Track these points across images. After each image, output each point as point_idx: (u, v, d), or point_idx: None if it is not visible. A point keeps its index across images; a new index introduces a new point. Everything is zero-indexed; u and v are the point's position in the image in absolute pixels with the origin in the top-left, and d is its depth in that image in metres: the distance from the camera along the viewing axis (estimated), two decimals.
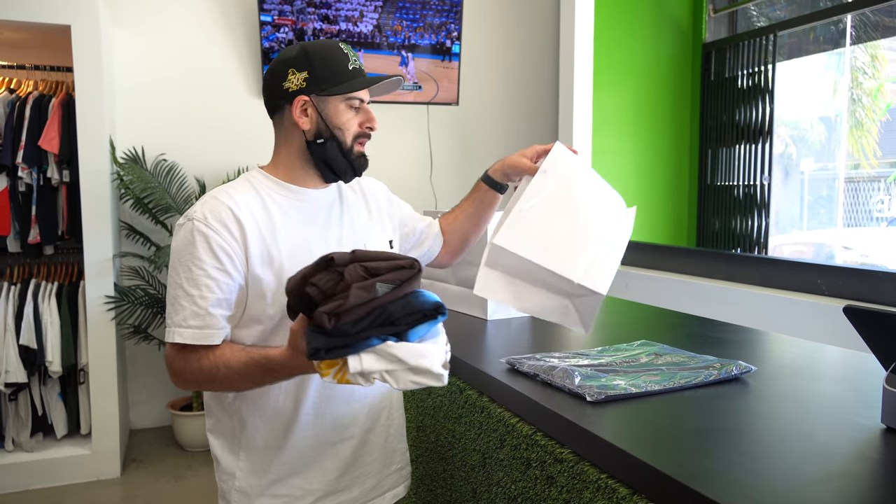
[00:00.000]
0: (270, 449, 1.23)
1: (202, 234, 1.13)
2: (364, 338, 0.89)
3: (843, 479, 0.80)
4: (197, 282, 1.12)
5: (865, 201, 4.34)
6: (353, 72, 1.22)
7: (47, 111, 3.18)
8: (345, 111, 1.22)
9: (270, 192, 1.22)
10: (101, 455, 3.15)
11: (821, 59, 4.34)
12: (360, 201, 1.36)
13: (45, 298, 3.18)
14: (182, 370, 1.13)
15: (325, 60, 1.21)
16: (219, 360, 1.11)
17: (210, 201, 1.17)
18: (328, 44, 1.23)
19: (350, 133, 1.23)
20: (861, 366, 1.29)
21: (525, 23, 4.49)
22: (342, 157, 1.23)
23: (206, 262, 1.12)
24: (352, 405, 1.27)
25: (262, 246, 1.16)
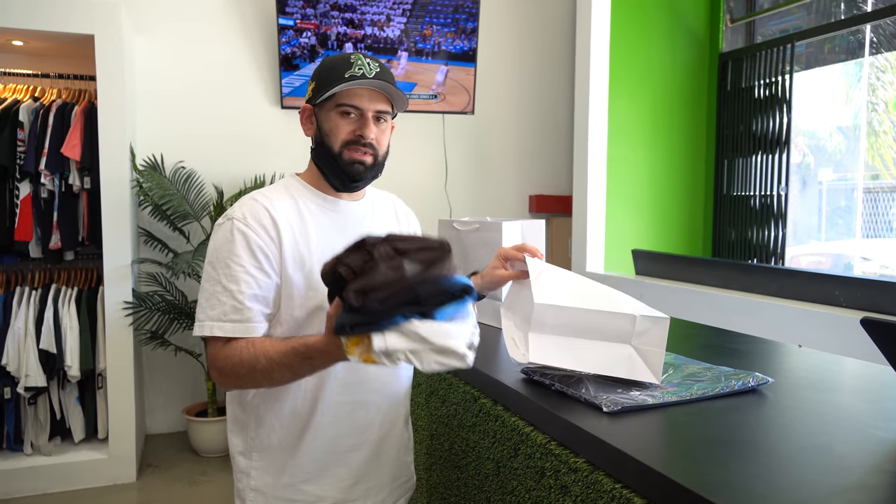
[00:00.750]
0: (285, 450, 1.25)
1: (241, 232, 1.17)
2: (390, 316, 0.89)
3: (862, 491, 0.80)
4: (236, 278, 1.16)
5: (885, 212, 4.29)
6: (346, 78, 1.21)
7: (70, 119, 3.24)
8: (334, 117, 1.24)
9: (305, 200, 1.27)
10: (117, 459, 3.18)
11: (839, 69, 4.31)
12: (393, 220, 1.40)
13: (64, 303, 3.22)
14: (224, 365, 1.15)
15: (327, 69, 1.24)
16: (258, 351, 1.12)
17: (249, 202, 1.22)
18: (342, 55, 1.26)
19: (338, 139, 1.24)
20: (879, 378, 1.28)
21: (540, 32, 4.50)
22: (332, 161, 1.25)
23: (245, 259, 1.16)
24: (369, 412, 1.28)
25: (296, 249, 1.20)
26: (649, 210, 4.44)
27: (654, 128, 4.41)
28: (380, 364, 0.90)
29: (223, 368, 1.15)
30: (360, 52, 1.26)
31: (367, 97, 1.24)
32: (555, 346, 1.10)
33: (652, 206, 4.45)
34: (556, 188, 4.60)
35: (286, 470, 1.25)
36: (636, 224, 4.40)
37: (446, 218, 2.27)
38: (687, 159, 4.53)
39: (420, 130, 4.27)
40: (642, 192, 4.41)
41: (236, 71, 3.88)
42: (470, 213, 4.33)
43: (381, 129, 1.28)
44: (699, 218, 4.61)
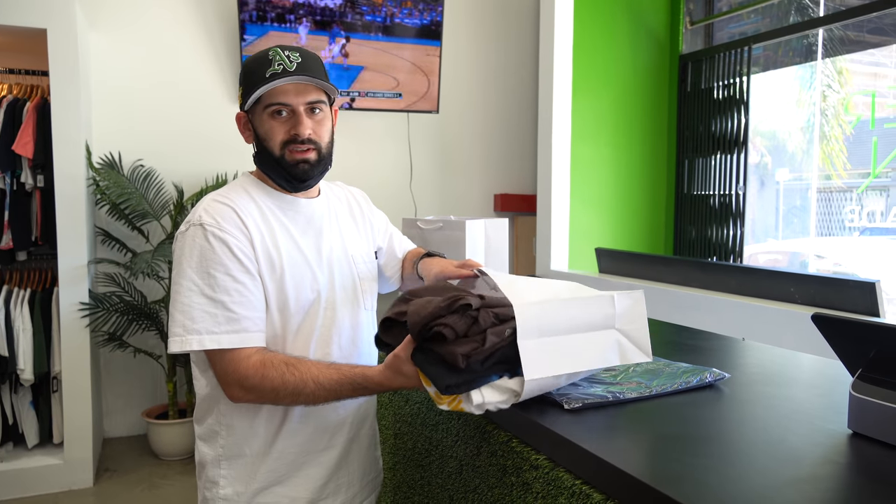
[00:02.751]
0: (257, 457, 1.22)
1: (219, 238, 1.13)
2: (489, 375, 1.01)
3: (811, 482, 0.82)
4: (226, 288, 1.11)
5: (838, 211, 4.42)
6: (269, 77, 1.17)
7: (21, 115, 3.14)
8: (266, 120, 1.20)
9: (266, 201, 1.23)
10: (73, 464, 3.10)
11: (793, 71, 4.43)
12: (345, 210, 1.37)
13: (17, 305, 3.13)
14: (258, 384, 1.11)
15: (249, 72, 1.20)
16: (305, 376, 1.10)
17: (215, 206, 1.17)
18: (261, 53, 1.21)
19: (275, 142, 1.20)
20: (830, 372, 1.32)
21: (504, 32, 4.52)
22: (275, 165, 1.21)
23: (231, 266, 1.12)
24: (338, 413, 1.27)
25: (266, 253, 1.17)
26: (612, 209, 4.50)
27: (616, 127, 4.47)
28: (467, 412, 1.01)
29: (255, 387, 1.11)
30: (279, 46, 1.21)
31: (293, 92, 1.18)
32: (543, 350, 1.02)
33: (615, 204, 4.51)
34: (521, 187, 4.63)
35: (257, 476, 1.23)
36: (599, 222, 4.46)
37: (411, 217, 2.26)
38: (648, 159, 4.61)
39: (384, 129, 4.25)
40: (605, 190, 4.47)
41: (196, 67, 3.81)
42: (435, 211, 4.33)
43: (318, 121, 1.22)
44: (660, 216, 4.70)
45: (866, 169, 4.06)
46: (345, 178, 1.39)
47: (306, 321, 1.22)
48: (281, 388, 1.10)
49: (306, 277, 1.21)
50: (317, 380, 1.10)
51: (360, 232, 1.38)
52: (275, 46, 1.21)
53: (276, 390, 1.11)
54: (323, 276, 1.24)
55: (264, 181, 1.26)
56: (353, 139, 4.15)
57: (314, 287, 1.22)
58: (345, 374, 1.11)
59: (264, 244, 1.18)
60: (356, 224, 1.38)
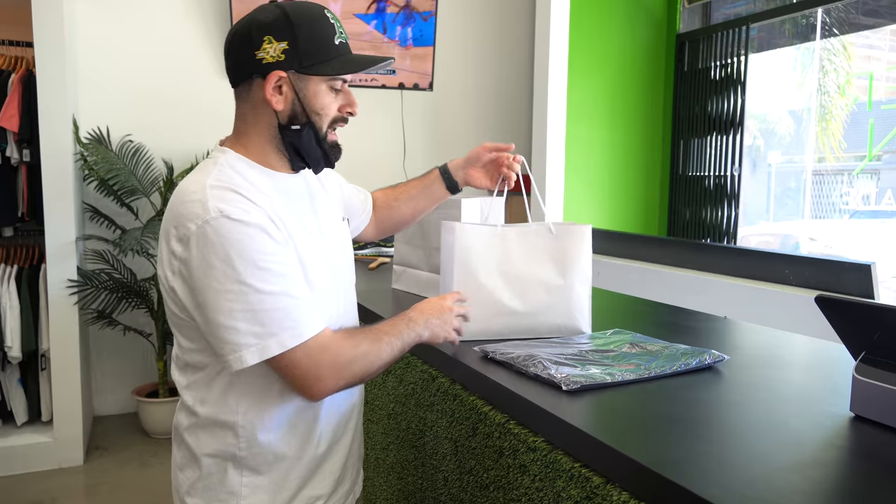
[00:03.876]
0: (284, 461, 1.10)
1: (258, 227, 0.98)
2: None
3: (814, 466, 0.81)
4: (283, 276, 0.98)
5: (830, 193, 4.42)
6: (339, 47, 1.06)
7: (6, 88, 3.07)
8: (326, 93, 1.07)
9: (254, 180, 1.07)
10: (63, 442, 3.08)
11: (791, 52, 4.40)
12: (317, 183, 1.24)
13: (4, 282, 3.08)
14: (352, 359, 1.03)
15: (311, 31, 1.04)
16: (376, 334, 1.08)
17: (222, 195, 0.99)
18: (313, 10, 1.05)
19: (328, 119, 1.08)
20: (829, 354, 1.31)
21: (500, 11, 4.45)
22: (316, 145, 1.09)
23: (278, 252, 0.99)
24: (349, 401, 1.22)
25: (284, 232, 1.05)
26: (607, 189, 4.48)
27: (611, 107, 4.43)
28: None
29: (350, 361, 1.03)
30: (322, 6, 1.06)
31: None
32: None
33: (609, 185, 4.49)
34: None
35: (286, 483, 1.10)
36: (594, 203, 4.44)
37: None
38: (644, 139, 4.58)
39: (378, 106, 4.19)
40: (600, 171, 4.44)
41: (186, 41, 3.73)
42: None
43: None
44: (655, 197, 4.68)
45: (861, 152, 4.05)
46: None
47: (323, 305, 1.09)
48: (370, 353, 1.05)
49: (317, 256, 1.10)
50: (382, 331, 1.08)
51: (330, 197, 1.26)
52: (321, 7, 1.07)
53: (366, 356, 1.05)
54: (329, 253, 1.16)
55: (254, 157, 1.10)
56: None
57: (325, 266, 1.12)
58: (394, 317, 1.11)
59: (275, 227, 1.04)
60: (325, 190, 1.25)
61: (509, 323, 1.34)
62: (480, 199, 1.84)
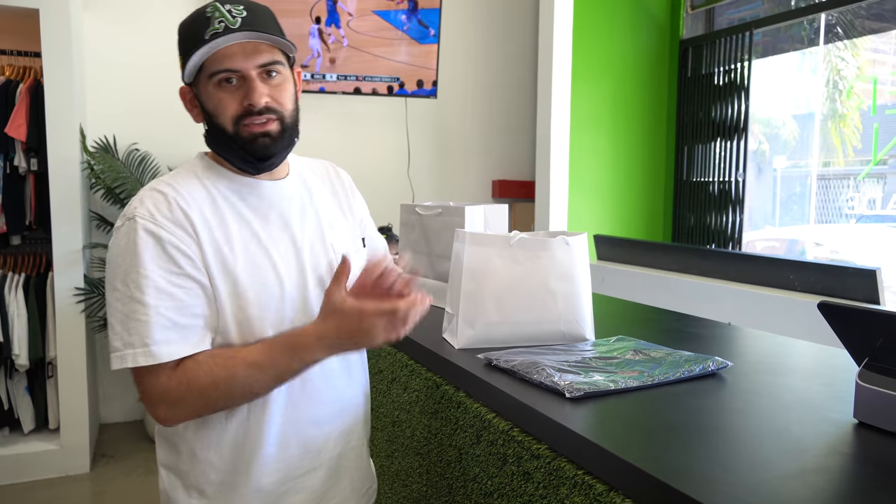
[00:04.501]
0: (230, 487, 1.04)
1: (152, 234, 0.96)
2: None
3: (817, 473, 0.81)
4: (158, 290, 0.94)
5: (836, 198, 4.41)
6: (209, 39, 0.97)
7: (14, 97, 3.10)
8: (213, 91, 1.01)
9: (218, 186, 1.05)
10: (69, 450, 3.09)
11: (795, 57, 4.40)
12: (326, 189, 1.18)
13: (11, 290, 3.10)
14: (184, 393, 0.94)
15: (183, 37, 1.02)
16: (234, 362, 0.95)
17: (152, 195, 1.00)
18: (194, 14, 1.02)
19: (227, 116, 1.01)
20: (833, 361, 1.31)
21: (504, 18, 4.47)
22: (226, 144, 1.04)
23: (163, 266, 0.95)
24: (322, 428, 1.11)
25: (216, 250, 1.00)
26: (611, 195, 4.48)
27: (615, 113, 4.44)
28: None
29: (181, 398, 0.95)
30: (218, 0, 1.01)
31: (240, 54, 0.99)
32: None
33: (613, 191, 4.49)
34: (519, 173, 4.60)
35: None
36: (598, 209, 4.44)
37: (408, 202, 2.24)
38: (647, 145, 4.58)
39: (382, 114, 4.21)
40: (604, 177, 4.44)
41: None
42: (432, 197, 4.31)
43: (276, 86, 1.03)
44: (659, 203, 4.68)
45: (867, 156, 4.04)
46: (341, 162, 1.32)
47: (275, 329, 1.03)
48: (211, 387, 0.94)
49: (268, 274, 1.03)
50: (246, 360, 0.95)
51: (345, 215, 1.19)
52: (213, 1, 1.01)
53: (204, 390, 0.94)
54: (291, 271, 1.05)
55: (220, 163, 1.08)
56: (350, 123, 4.11)
57: (279, 286, 1.03)
58: (276, 340, 0.96)
59: (213, 238, 1.00)
60: (339, 206, 1.19)
61: (513, 330, 1.35)
62: (484, 207, 1.85)
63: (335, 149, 4.03)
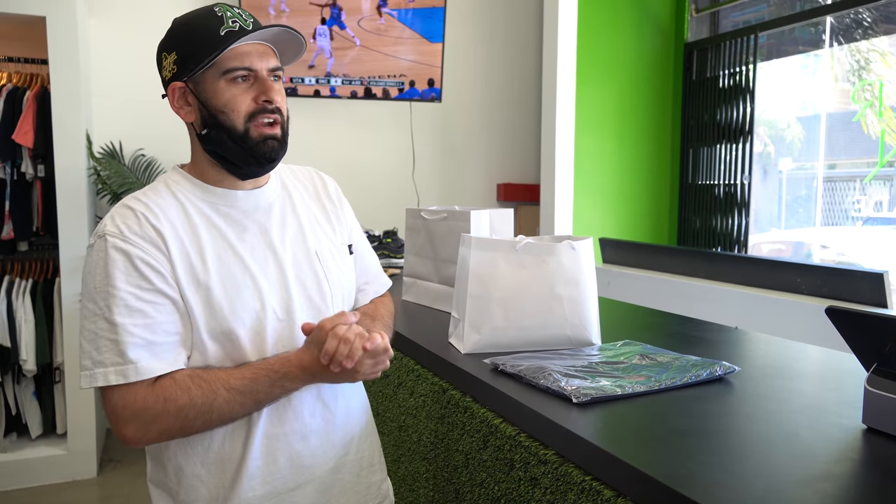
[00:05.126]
0: (219, 502, 1.03)
1: (121, 251, 0.95)
2: None
3: (826, 480, 0.80)
4: (129, 307, 0.93)
5: (842, 200, 4.40)
6: (226, 36, 0.98)
7: (21, 104, 3.11)
8: (227, 88, 1.00)
9: (191, 198, 1.04)
10: (77, 455, 3.10)
11: (800, 59, 4.39)
12: (313, 197, 1.16)
13: (18, 296, 3.12)
14: (158, 413, 0.93)
15: (190, 33, 1.02)
16: (215, 384, 0.94)
17: (122, 211, 0.99)
18: (198, 12, 1.03)
19: (239, 113, 1.00)
20: (841, 365, 1.30)
21: (508, 22, 4.48)
22: (235, 145, 1.01)
23: (133, 283, 0.94)
24: (309, 442, 1.08)
25: (188, 264, 0.98)
26: (616, 198, 4.48)
27: (620, 116, 4.44)
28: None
29: (156, 416, 0.93)
30: (222, 3, 1.03)
31: (256, 54, 1.00)
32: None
33: (618, 194, 4.48)
34: (524, 177, 4.60)
35: None
36: (603, 213, 4.43)
37: (414, 206, 2.24)
38: (653, 148, 4.57)
39: (387, 118, 4.22)
40: (609, 180, 4.44)
41: None
42: (437, 201, 4.31)
43: (279, 91, 1.04)
44: (664, 206, 4.67)
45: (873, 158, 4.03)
46: (346, 167, 1.33)
47: (254, 342, 1.01)
48: (188, 407, 0.93)
49: (245, 287, 1.01)
50: (228, 384, 0.94)
51: (330, 222, 1.17)
52: (218, 2, 1.03)
53: (181, 411, 0.93)
54: (270, 283, 1.03)
55: (195, 174, 1.07)
56: (356, 128, 4.12)
57: (257, 297, 1.01)
58: (260, 366, 0.96)
59: (184, 253, 0.98)
60: (324, 212, 1.17)
61: (519, 335, 1.35)
62: (490, 211, 1.85)
63: (340, 153, 4.03)
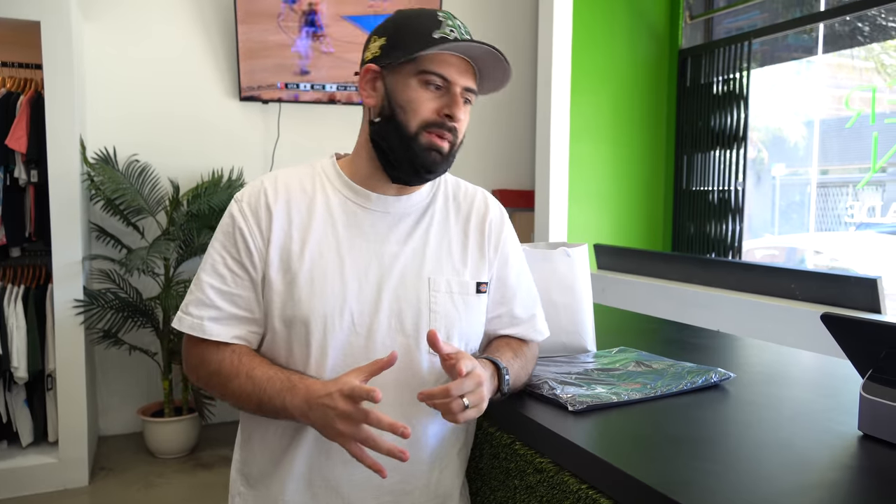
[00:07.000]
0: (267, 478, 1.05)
1: (232, 216, 1.03)
2: None
3: (822, 488, 0.80)
4: (214, 268, 1.02)
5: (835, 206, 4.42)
6: (438, 40, 0.95)
7: (15, 109, 3.10)
8: (414, 87, 0.97)
9: (327, 187, 1.05)
10: (68, 463, 3.07)
11: (793, 66, 4.41)
12: (463, 222, 1.09)
13: (10, 302, 3.09)
14: (197, 364, 1.03)
15: (407, 25, 0.99)
16: (242, 368, 0.98)
17: (256, 183, 1.06)
18: (423, 10, 1.01)
19: (416, 115, 0.97)
20: (836, 371, 1.30)
21: (503, 26, 4.49)
22: (399, 143, 0.98)
23: (227, 248, 1.02)
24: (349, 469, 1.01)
25: (285, 248, 1.00)
26: (610, 204, 4.48)
27: (614, 122, 4.45)
28: None
29: (195, 367, 1.04)
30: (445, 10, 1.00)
31: (456, 68, 0.97)
32: None
33: (613, 200, 4.49)
34: (519, 182, 4.60)
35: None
36: (597, 219, 4.44)
37: None
38: (647, 154, 4.59)
39: None
40: (604, 186, 4.45)
41: (192, 61, 3.77)
42: None
43: (465, 111, 1.01)
44: (659, 212, 4.68)
45: (866, 164, 4.05)
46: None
47: (320, 342, 0.99)
48: (216, 374, 1.00)
49: (332, 288, 0.99)
50: (251, 372, 0.97)
51: (467, 253, 1.08)
52: (445, 10, 1.03)
53: (211, 375, 1.01)
54: (360, 291, 1.00)
55: (346, 165, 1.07)
56: (348, 133, 4.11)
57: (338, 299, 0.99)
58: (284, 371, 0.97)
59: (287, 237, 1.00)
60: (466, 241, 1.09)
61: None
62: None
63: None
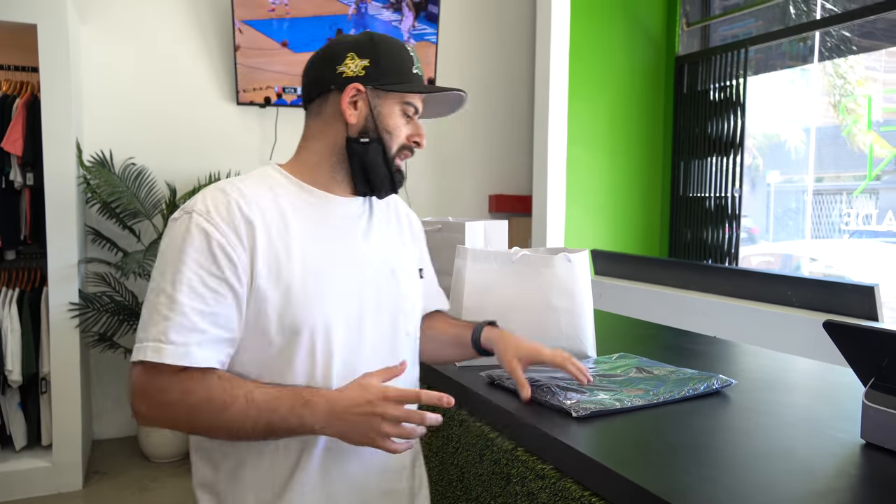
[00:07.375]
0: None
1: (202, 230, 0.94)
2: None
3: (825, 496, 0.80)
4: (192, 288, 0.93)
5: (830, 213, 4.43)
6: (416, 76, 1.08)
7: (10, 112, 3.09)
8: (399, 116, 1.07)
9: (286, 194, 1.04)
10: (62, 467, 3.05)
11: (789, 74, 4.44)
12: (393, 219, 1.21)
13: (5, 305, 3.07)
14: (177, 399, 0.92)
15: (391, 54, 1.07)
16: (238, 391, 0.91)
17: (215, 193, 0.99)
18: (395, 41, 1.10)
19: (397, 140, 1.08)
20: (837, 379, 1.30)
21: (500, 33, 4.50)
22: (383, 164, 1.08)
23: (203, 265, 0.94)
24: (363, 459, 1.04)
25: (272, 257, 0.97)
26: (607, 211, 4.49)
27: (611, 129, 4.46)
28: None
29: (172, 403, 0.92)
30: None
31: (421, 102, 1.11)
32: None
33: (610, 206, 4.50)
34: (516, 188, 4.61)
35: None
36: (595, 225, 4.44)
37: None
38: (644, 160, 4.60)
39: None
40: (601, 192, 4.45)
41: (189, 65, 3.76)
42: (429, 213, 4.31)
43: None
44: (656, 218, 4.69)
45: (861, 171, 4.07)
46: None
47: (324, 343, 1.00)
48: (206, 402, 0.91)
49: (328, 291, 1.01)
50: (251, 395, 0.91)
51: (404, 243, 1.20)
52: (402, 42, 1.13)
53: (199, 404, 0.91)
54: (349, 291, 1.04)
55: (295, 172, 1.07)
56: None
57: (336, 304, 1.02)
58: (290, 387, 0.94)
59: (271, 248, 0.97)
60: (401, 234, 1.21)
61: None
62: (484, 222, 1.84)
63: None
